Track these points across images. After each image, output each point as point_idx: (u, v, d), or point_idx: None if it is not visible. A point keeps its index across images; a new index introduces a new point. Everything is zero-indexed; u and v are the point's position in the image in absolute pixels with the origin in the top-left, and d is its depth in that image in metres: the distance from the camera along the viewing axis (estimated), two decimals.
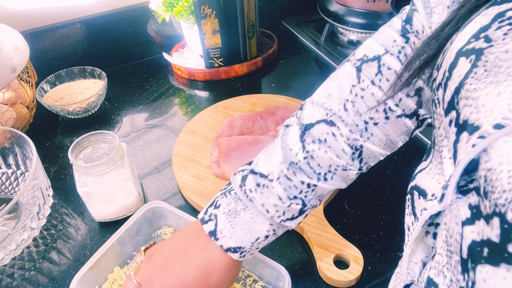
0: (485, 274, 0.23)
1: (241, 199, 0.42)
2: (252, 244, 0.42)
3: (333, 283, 0.52)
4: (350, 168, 0.43)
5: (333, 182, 0.43)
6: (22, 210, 0.57)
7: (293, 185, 0.41)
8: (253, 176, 0.42)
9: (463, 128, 0.26)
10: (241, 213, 0.41)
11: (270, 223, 0.42)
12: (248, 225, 0.41)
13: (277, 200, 0.41)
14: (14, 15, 0.83)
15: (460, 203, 0.26)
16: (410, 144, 0.72)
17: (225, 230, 0.41)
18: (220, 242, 0.41)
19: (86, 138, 0.59)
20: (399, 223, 0.59)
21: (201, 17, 0.82)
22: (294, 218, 0.43)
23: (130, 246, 0.56)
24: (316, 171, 0.42)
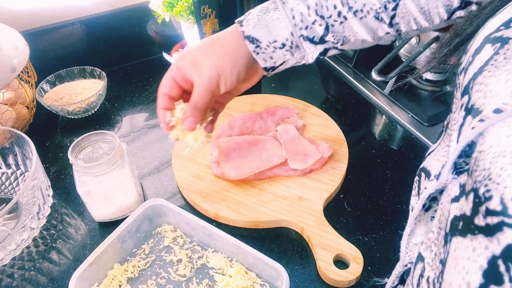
0: (455, 244, 0.24)
1: (276, 1, 0.45)
2: (268, 43, 0.45)
3: (333, 283, 0.52)
4: (382, 17, 0.44)
5: (361, 24, 0.45)
6: (22, 210, 0.57)
7: (325, 5, 0.44)
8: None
9: (469, 112, 0.26)
10: (271, 12, 0.45)
11: (291, 32, 0.45)
12: (272, 24, 0.45)
13: (305, 9, 0.44)
14: (14, 15, 0.83)
15: (454, 182, 0.27)
16: (410, 144, 0.72)
17: (251, 20, 0.45)
18: (243, 28, 0.45)
19: (86, 138, 0.59)
20: (399, 223, 0.59)
21: (201, 17, 0.81)
22: (314, 42, 0.46)
23: (130, 243, 0.57)
24: (349, 3, 0.44)
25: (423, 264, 0.31)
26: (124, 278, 0.54)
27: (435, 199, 0.34)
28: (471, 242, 0.23)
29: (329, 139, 0.71)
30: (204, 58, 0.45)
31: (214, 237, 0.55)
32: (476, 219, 0.22)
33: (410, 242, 0.36)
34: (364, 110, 0.81)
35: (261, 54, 0.45)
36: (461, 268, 0.23)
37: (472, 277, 0.22)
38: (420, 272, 0.31)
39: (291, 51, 0.46)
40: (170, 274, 0.54)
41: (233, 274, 0.52)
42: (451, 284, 0.24)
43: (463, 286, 0.23)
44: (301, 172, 0.64)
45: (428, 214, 0.35)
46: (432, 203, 0.34)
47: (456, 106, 0.31)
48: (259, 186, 0.63)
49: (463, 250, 0.23)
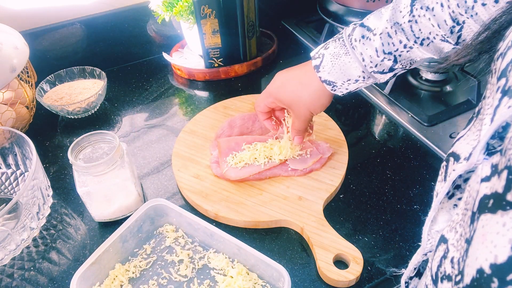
0: (484, 221, 0.25)
1: (346, 45, 0.51)
2: (343, 83, 0.53)
3: (333, 283, 0.52)
4: (448, 40, 0.47)
5: (427, 49, 0.48)
6: (21, 210, 0.57)
7: (391, 42, 0.49)
8: (361, 28, 0.51)
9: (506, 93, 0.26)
10: (342, 56, 0.51)
11: (362, 71, 0.51)
12: (345, 67, 0.52)
13: (373, 52, 0.50)
14: (14, 15, 0.83)
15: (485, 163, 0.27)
16: (410, 144, 0.72)
17: (326, 66, 0.52)
18: (320, 74, 0.53)
19: (86, 138, 0.59)
20: (399, 223, 0.59)
21: (201, 17, 0.81)
22: (384, 73, 0.52)
23: (131, 243, 0.57)
24: (416, 34, 0.48)
25: (446, 245, 0.31)
26: (125, 278, 0.54)
27: (458, 187, 0.34)
28: (502, 217, 0.23)
29: (329, 139, 0.71)
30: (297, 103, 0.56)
31: (215, 237, 0.55)
32: (509, 195, 0.23)
33: (432, 229, 0.37)
34: (364, 110, 0.81)
35: (337, 90, 0.54)
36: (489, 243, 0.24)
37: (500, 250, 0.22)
38: (443, 253, 0.31)
39: (364, 81, 0.53)
40: (172, 274, 0.54)
41: (235, 275, 0.52)
42: (477, 258, 0.24)
43: (490, 260, 0.23)
44: (301, 172, 0.64)
45: (451, 201, 0.35)
46: (456, 191, 0.35)
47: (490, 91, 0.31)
48: (259, 186, 0.63)
49: (492, 226, 0.24)
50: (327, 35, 0.98)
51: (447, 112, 0.76)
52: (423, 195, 0.63)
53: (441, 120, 0.75)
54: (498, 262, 0.22)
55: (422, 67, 0.81)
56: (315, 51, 0.55)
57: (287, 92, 0.56)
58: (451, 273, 0.29)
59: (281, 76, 0.58)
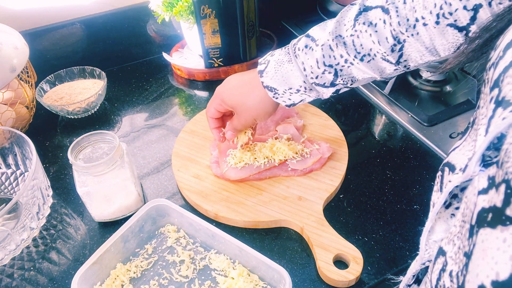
0: (484, 236, 0.24)
1: (289, 53, 0.52)
2: (284, 91, 0.53)
3: (333, 283, 0.52)
4: (388, 59, 0.47)
5: (368, 66, 0.49)
6: (21, 210, 0.57)
7: (333, 55, 0.49)
8: (306, 38, 0.51)
9: (499, 104, 0.26)
10: (285, 64, 0.52)
11: (303, 80, 0.51)
12: (287, 75, 0.52)
13: (314, 62, 0.50)
14: (13, 15, 0.83)
15: (481, 175, 0.27)
16: (409, 144, 0.72)
17: (269, 72, 0.52)
18: (262, 79, 0.53)
19: (86, 138, 0.59)
20: (399, 223, 0.59)
21: (201, 17, 0.81)
22: (325, 86, 0.52)
23: (133, 243, 0.57)
24: (357, 49, 0.48)
25: (444, 258, 0.31)
26: (126, 278, 0.54)
27: (455, 196, 0.34)
28: (502, 233, 0.23)
29: (329, 139, 0.71)
30: (241, 106, 0.56)
31: (217, 238, 0.55)
32: (508, 210, 0.22)
33: (429, 239, 0.36)
34: (364, 110, 0.81)
35: (279, 98, 0.54)
36: (490, 259, 0.23)
37: (502, 267, 0.22)
38: (442, 266, 0.31)
39: (306, 93, 0.53)
40: (173, 274, 0.54)
41: (236, 276, 0.52)
42: (478, 275, 0.24)
43: (491, 276, 0.23)
44: (301, 172, 0.64)
45: (448, 211, 0.35)
46: (453, 200, 0.34)
47: (484, 101, 0.31)
48: (259, 186, 0.63)
49: (492, 242, 0.23)
50: None
51: (447, 112, 0.76)
52: (423, 195, 0.63)
53: (441, 120, 0.75)
54: (500, 279, 0.22)
55: (421, 67, 0.81)
56: (263, 57, 0.55)
57: (233, 94, 0.56)
58: (450, 286, 0.29)
59: (231, 78, 0.58)
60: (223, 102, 0.58)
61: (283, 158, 0.65)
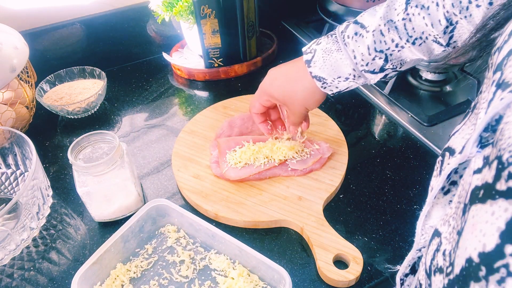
0: (474, 212, 0.25)
1: (338, 42, 0.51)
2: (333, 80, 0.52)
3: (333, 283, 0.52)
4: (439, 41, 0.47)
5: (419, 49, 0.48)
6: (21, 210, 0.57)
7: (384, 40, 0.48)
8: (355, 25, 0.50)
9: (499, 87, 0.27)
10: (334, 53, 0.51)
11: (353, 68, 0.51)
12: (336, 64, 0.51)
13: (365, 49, 0.49)
14: (13, 15, 0.83)
15: (477, 155, 0.27)
16: (409, 144, 0.72)
17: (318, 62, 0.52)
18: (311, 69, 0.52)
19: (86, 138, 0.59)
20: (399, 223, 0.59)
21: (201, 17, 0.81)
22: (374, 72, 0.51)
23: (133, 242, 0.57)
24: (409, 33, 0.47)
25: (439, 239, 0.31)
26: (126, 278, 0.54)
27: (454, 183, 0.34)
28: (491, 206, 0.23)
29: (329, 139, 0.71)
30: (291, 98, 0.56)
31: (217, 238, 0.55)
32: (498, 185, 0.23)
33: (426, 224, 0.36)
34: (364, 110, 0.81)
35: (327, 87, 0.53)
36: (478, 232, 0.24)
37: (489, 239, 0.23)
38: (436, 247, 0.31)
39: (354, 80, 0.52)
40: (173, 274, 0.54)
41: (236, 276, 0.52)
42: (466, 248, 0.25)
43: (478, 249, 0.23)
44: (301, 172, 0.64)
45: (446, 197, 0.35)
46: (451, 187, 0.35)
47: (486, 85, 0.31)
48: (259, 186, 0.63)
49: (482, 216, 0.24)
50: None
51: (447, 112, 0.76)
52: (423, 195, 0.63)
53: (441, 120, 0.75)
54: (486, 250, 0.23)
55: (421, 67, 0.81)
56: (307, 46, 0.54)
57: (281, 88, 0.56)
58: (442, 265, 0.29)
59: (274, 72, 0.58)
60: (271, 98, 0.58)
61: (283, 158, 0.65)
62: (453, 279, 0.26)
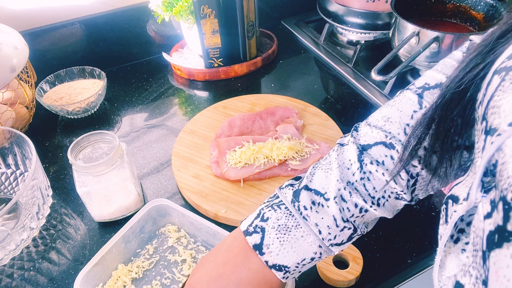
0: (494, 258, 0.24)
1: (294, 215, 0.40)
2: (297, 265, 0.40)
3: (333, 283, 0.52)
4: (403, 197, 0.42)
5: (383, 209, 0.42)
6: (21, 210, 0.57)
7: (346, 207, 0.40)
8: (308, 192, 0.41)
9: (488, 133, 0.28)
10: (292, 230, 0.40)
11: (319, 245, 0.41)
12: (297, 244, 0.40)
13: (331, 222, 0.40)
14: (13, 15, 0.83)
15: (484, 200, 0.28)
16: None
17: (272, 245, 0.40)
18: (265, 258, 0.40)
19: (86, 138, 0.59)
20: (398, 223, 0.59)
21: (201, 17, 0.81)
22: (342, 244, 0.42)
23: (134, 243, 0.57)
24: (371, 194, 0.41)
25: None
26: (128, 279, 0.54)
27: (463, 231, 0.33)
28: (508, 249, 0.23)
29: (329, 139, 0.71)
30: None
31: (218, 237, 0.55)
32: (509, 226, 0.23)
33: (442, 275, 0.35)
34: (364, 110, 0.81)
35: (291, 276, 0.41)
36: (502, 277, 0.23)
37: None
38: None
39: (320, 258, 0.42)
40: (175, 274, 0.54)
41: None
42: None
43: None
44: (300, 172, 0.64)
45: (457, 246, 0.34)
46: (460, 235, 0.34)
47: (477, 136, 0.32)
48: (259, 186, 0.63)
49: (502, 261, 0.23)
50: (326, 35, 0.98)
51: None
52: None
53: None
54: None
55: (421, 67, 0.82)
56: (247, 223, 0.42)
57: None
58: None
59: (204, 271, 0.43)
60: None
61: (283, 158, 0.65)
62: None
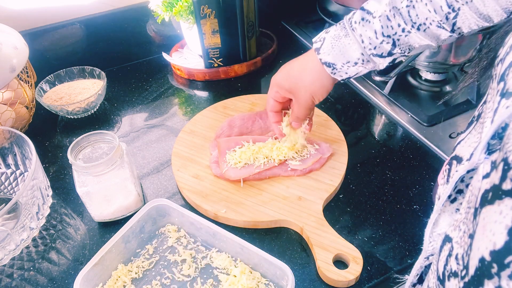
0: (484, 214, 0.26)
1: (345, 28, 0.52)
2: (342, 65, 0.53)
3: (333, 283, 0.52)
4: (444, 27, 0.48)
5: (424, 35, 0.49)
6: (21, 210, 0.57)
7: (390, 25, 0.49)
8: (361, 11, 0.51)
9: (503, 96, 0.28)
10: (342, 38, 0.52)
11: (361, 53, 0.51)
12: (344, 49, 0.52)
13: (372, 34, 0.50)
14: (13, 15, 0.83)
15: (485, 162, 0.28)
16: (409, 144, 0.72)
17: (326, 48, 0.53)
18: (320, 56, 0.53)
19: (86, 138, 0.59)
20: (398, 223, 0.59)
21: (201, 17, 0.81)
22: (383, 56, 0.52)
23: (134, 243, 0.57)
24: (412, 19, 0.48)
25: (450, 244, 0.32)
26: (128, 279, 0.54)
27: (461, 192, 0.35)
28: (498, 206, 0.24)
29: (329, 139, 0.71)
30: (298, 86, 0.56)
31: (218, 236, 0.55)
32: (504, 185, 0.24)
33: (434, 231, 0.37)
34: (364, 110, 0.81)
35: (337, 73, 0.54)
36: (488, 232, 0.25)
37: (498, 237, 0.24)
38: (448, 252, 0.32)
39: (363, 65, 0.53)
40: (175, 274, 0.54)
41: (238, 274, 0.52)
42: (479, 249, 0.26)
43: (489, 248, 0.24)
44: (300, 172, 0.64)
45: (453, 205, 0.36)
46: (458, 195, 0.35)
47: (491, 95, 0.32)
48: (258, 186, 0.63)
49: (491, 216, 0.25)
50: None
51: (447, 112, 0.76)
52: (423, 195, 0.63)
53: (440, 120, 0.75)
54: (497, 248, 0.24)
55: (421, 67, 0.81)
56: (317, 36, 0.55)
57: (288, 76, 0.57)
58: (457, 269, 0.30)
59: (286, 65, 0.59)
60: (279, 88, 0.58)
61: (283, 158, 0.65)
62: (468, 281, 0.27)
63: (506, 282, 0.23)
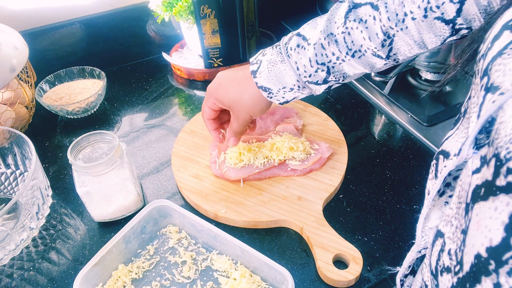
0: (478, 209, 0.26)
1: (281, 53, 0.52)
2: (278, 90, 0.53)
3: (333, 283, 0.52)
4: (379, 54, 0.48)
5: (359, 62, 0.49)
6: (21, 210, 0.57)
7: (324, 53, 0.49)
8: (297, 37, 0.51)
9: (488, 90, 0.28)
10: (278, 64, 0.52)
11: (297, 79, 0.52)
12: (280, 75, 0.52)
13: (307, 62, 0.50)
14: (13, 15, 0.83)
15: (474, 157, 0.29)
16: (409, 144, 0.72)
17: (263, 72, 0.52)
18: (256, 80, 0.53)
19: (85, 138, 0.59)
20: (398, 223, 0.59)
21: (201, 17, 0.81)
22: (318, 84, 0.52)
23: (134, 243, 0.57)
24: (348, 46, 0.48)
25: (442, 239, 0.32)
26: (128, 279, 0.54)
27: (449, 185, 0.35)
28: (493, 202, 0.24)
29: (329, 139, 0.71)
30: (237, 106, 0.56)
31: (219, 239, 0.55)
32: (497, 181, 0.24)
33: (425, 226, 0.38)
34: (364, 110, 0.81)
35: (274, 98, 0.54)
36: (483, 228, 0.25)
37: (494, 233, 0.23)
38: (440, 247, 0.32)
39: (299, 91, 0.53)
40: (174, 275, 0.54)
41: (238, 277, 0.52)
42: (474, 245, 0.25)
43: (485, 244, 0.24)
44: (300, 172, 0.64)
45: (442, 199, 0.36)
46: (446, 189, 0.36)
47: (475, 91, 0.33)
48: (258, 186, 0.63)
49: (485, 212, 0.25)
50: None
51: (446, 112, 0.76)
52: (422, 195, 0.63)
53: (440, 120, 0.75)
54: (493, 244, 0.23)
55: (421, 67, 0.82)
56: (254, 57, 0.55)
57: (228, 93, 0.56)
58: (449, 264, 0.30)
59: (223, 76, 0.57)
60: (217, 101, 0.57)
61: (282, 158, 0.65)
62: (463, 277, 0.27)
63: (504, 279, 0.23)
